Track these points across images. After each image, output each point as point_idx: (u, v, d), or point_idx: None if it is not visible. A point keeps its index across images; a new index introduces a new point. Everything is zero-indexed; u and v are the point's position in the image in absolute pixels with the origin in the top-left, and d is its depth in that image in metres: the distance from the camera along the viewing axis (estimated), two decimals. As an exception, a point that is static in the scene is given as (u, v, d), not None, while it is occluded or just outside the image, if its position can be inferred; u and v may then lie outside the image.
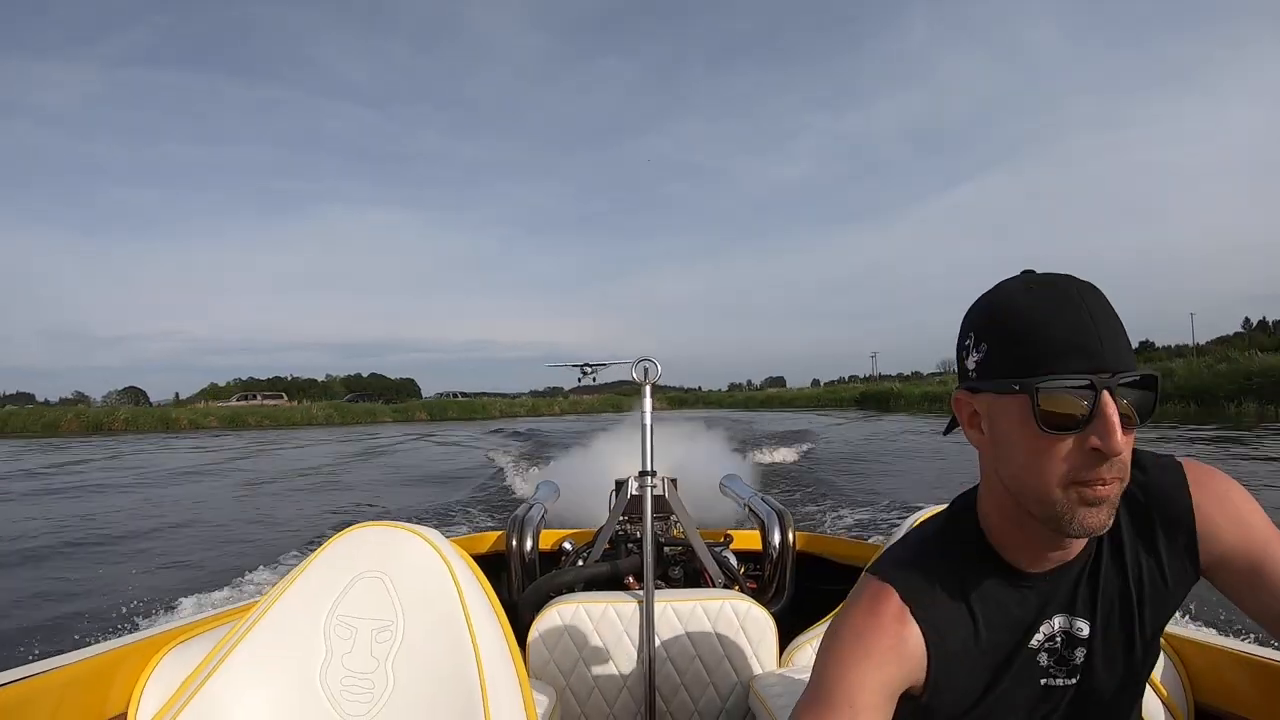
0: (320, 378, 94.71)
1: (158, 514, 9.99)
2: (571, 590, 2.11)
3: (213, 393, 79.23)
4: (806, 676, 1.79)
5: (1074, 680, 0.81)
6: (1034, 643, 0.80)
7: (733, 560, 2.46)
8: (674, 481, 2.30)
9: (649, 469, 2.07)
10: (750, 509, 2.70)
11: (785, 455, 14.18)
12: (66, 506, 10.76)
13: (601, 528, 2.38)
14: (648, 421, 2.08)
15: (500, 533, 2.54)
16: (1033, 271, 0.75)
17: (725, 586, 2.16)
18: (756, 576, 2.48)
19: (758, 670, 1.86)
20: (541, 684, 1.78)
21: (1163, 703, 1.23)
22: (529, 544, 2.44)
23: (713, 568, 2.22)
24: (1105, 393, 0.66)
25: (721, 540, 2.62)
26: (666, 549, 2.35)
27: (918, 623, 0.77)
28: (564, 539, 2.65)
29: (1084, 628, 0.80)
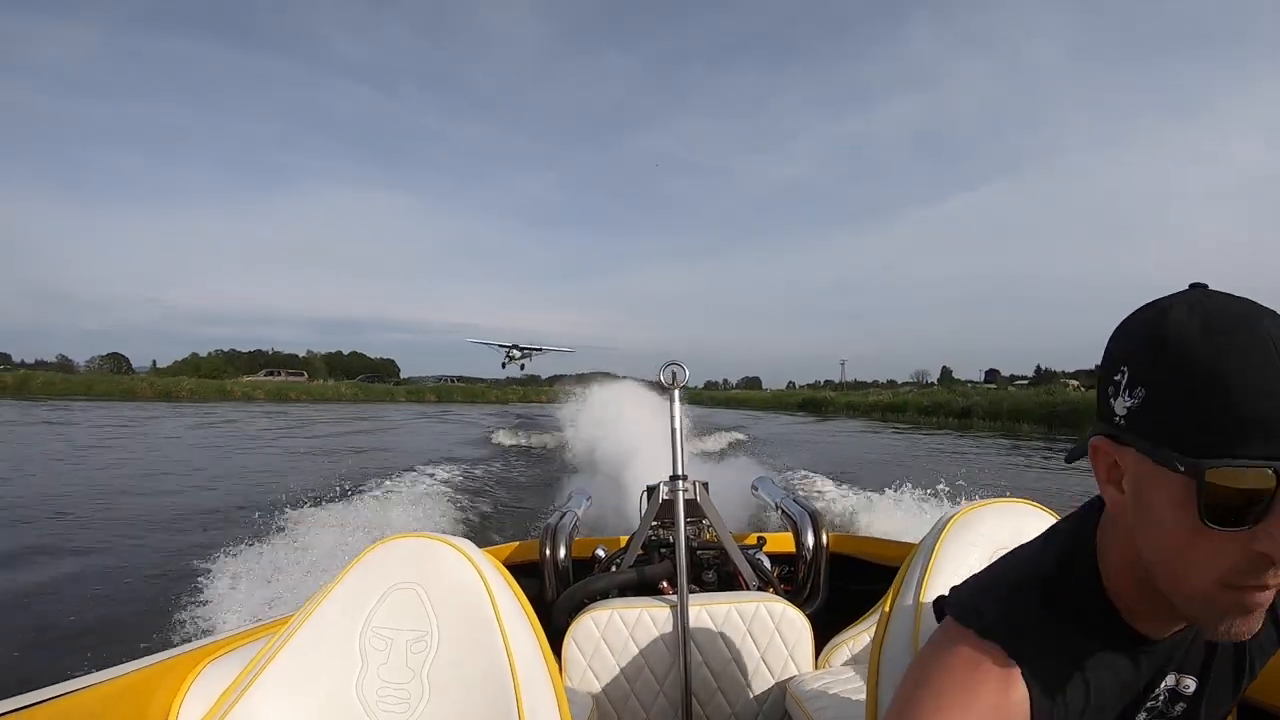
0: (301, 353, 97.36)
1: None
2: (605, 596, 2.11)
3: (194, 363, 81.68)
4: (843, 678, 1.77)
5: None
6: (1146, 704, 0.73)
7: (766, 562, 2.44)
8: (705, 485, 2.29)
9: (680, 473, 2.06)
10: (782, 510, 2.68)
11: (720, 441, 18.91)
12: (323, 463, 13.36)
13: (634, 533, 2.36)
14: (678, 425, 2.06)
15: (533, 541, 2.55)
16: (1206, 288, 0.59)
17: (759, 589, 2.14)
18: (790, 578, 2.46)
19: (794, 672, 1.85)
20: (577, 691, 1.78)
21: None
22: (562, 552, 2.44)
23: (746, 570, 2.20)
24: None
25: (754, 543, 2.60)
26: (699, 552, 2.34)
27: (1026, 685, 0.65)
28: (597, 546, 2.64)
29: (1190, 685, 0.73)
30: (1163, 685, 0.72)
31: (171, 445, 17.02)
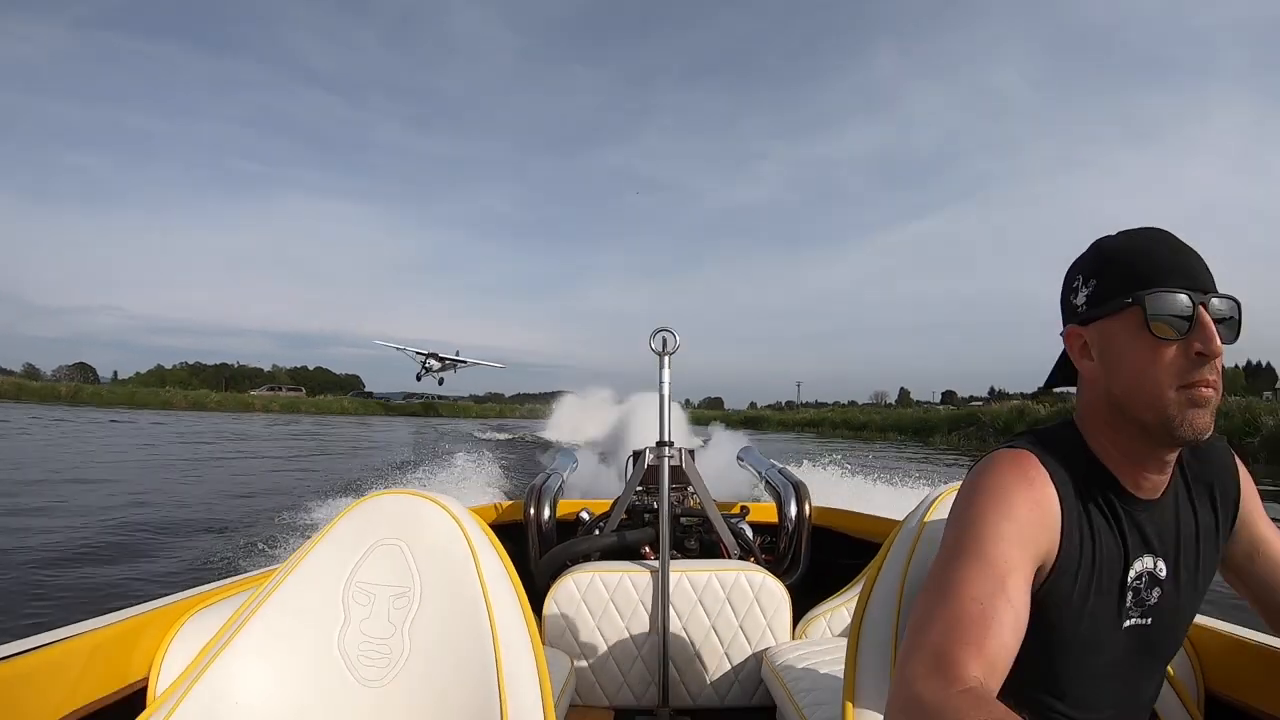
0: (266, 367, 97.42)
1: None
2: (588, 559, 2.12)
3: (160, 375, 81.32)
4: (820, 650, 1.80)
5: (1148, 621, 0.86)
6: (1129, 578, 0.84)
7: (749, 532, 2.46)
8: (692, 453, 2.30)
9: (666, 439, 2.07)
10: (767, 481, 2.69)
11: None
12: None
13: (618, 498, 2.38)
14: (666, 393, 2.07)
15: (518, 502, 2.56)
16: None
17: (741, 558, 2.16)
18: (772, 549, 2.49)
19: (771, 642, 1.87)
20: (557, 652, 1.80)
21: (1174, 688, 1.22)
22: (546, 513, 2.45)
23: (728, 539, 2.22)
24: (1202, 307, 0.77)
25: (738, 512, 2.62)
26: (683, 519, 2.36)
27: (1056, 489, 0.82)
28: (581, 509, 2.66)
29: (1162, 569, 0.86)
30: (1142, 566, 0.85)
31: (342, 456, 18.08)
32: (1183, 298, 0.77)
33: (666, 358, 2.04)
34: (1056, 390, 1.05)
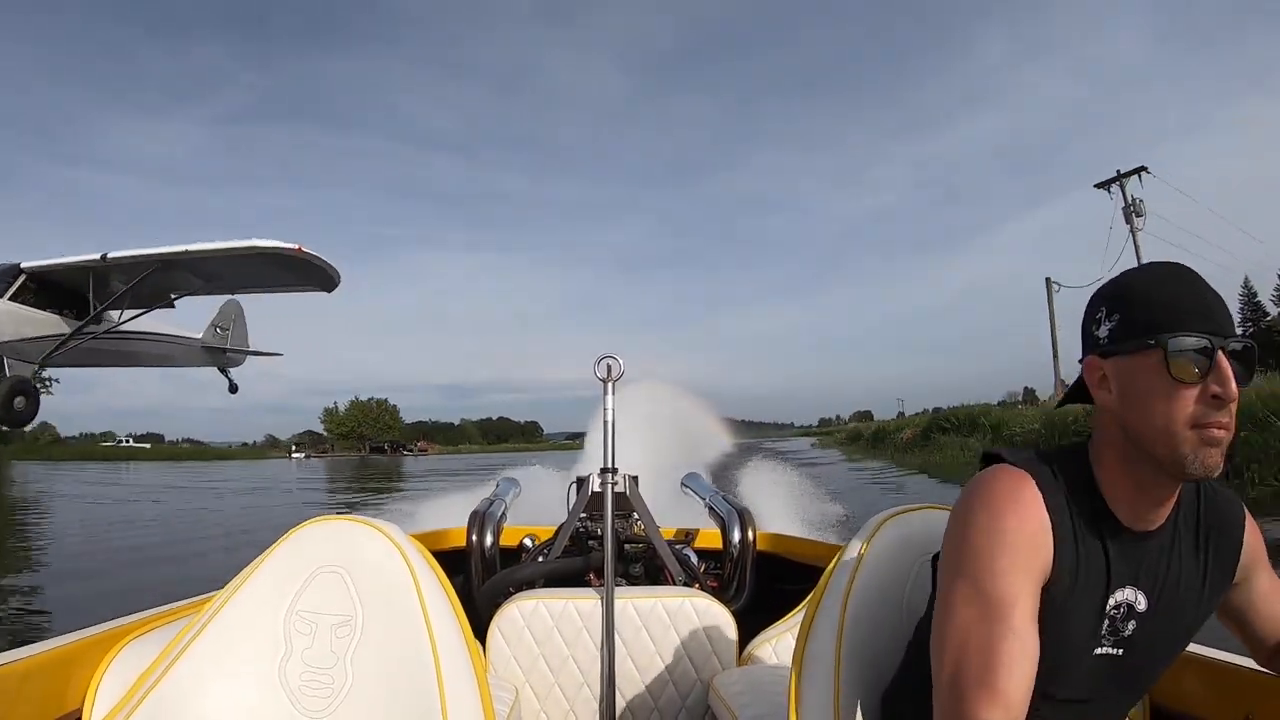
0: (456, 421, 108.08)
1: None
2: (531, 586, 2.11)
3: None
4: (766, 675, 1.82)
5: (1119, 652, 0.88)
6: (1107, 606, 0.87)
7: (694, 558, 2.47)
8: (635, 479, 2.31)
9: (610, 465, 2.09)
10: (711, 507, 2.72)
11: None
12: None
13: (562, 524, 2.38)
14: (610, 419, 2.09)
15: (460, 528, 2.54)
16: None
17: (686, 584, 2.17)
18: (717, 575, 2.51)
19: (717, 668, 1.88)
20: (501, 680, 1.78)
21: None
22: (489, 540, 2.44)
23: (673, 565, 2.24)
24: (1220, 351, 0.79)
25: (683, 538, 2.64)
26: (627, 546, 2.36)
27: (1048, 511, 0.84)
28: (525, 535, 2.64)
29: (1143, 603, 0.87)
30: (1122, 596, 0.87)
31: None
32: (1203, 341, 0.80)
33: (611, 384, 2.06)
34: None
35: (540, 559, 2.35)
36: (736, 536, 2.44)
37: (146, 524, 14.38)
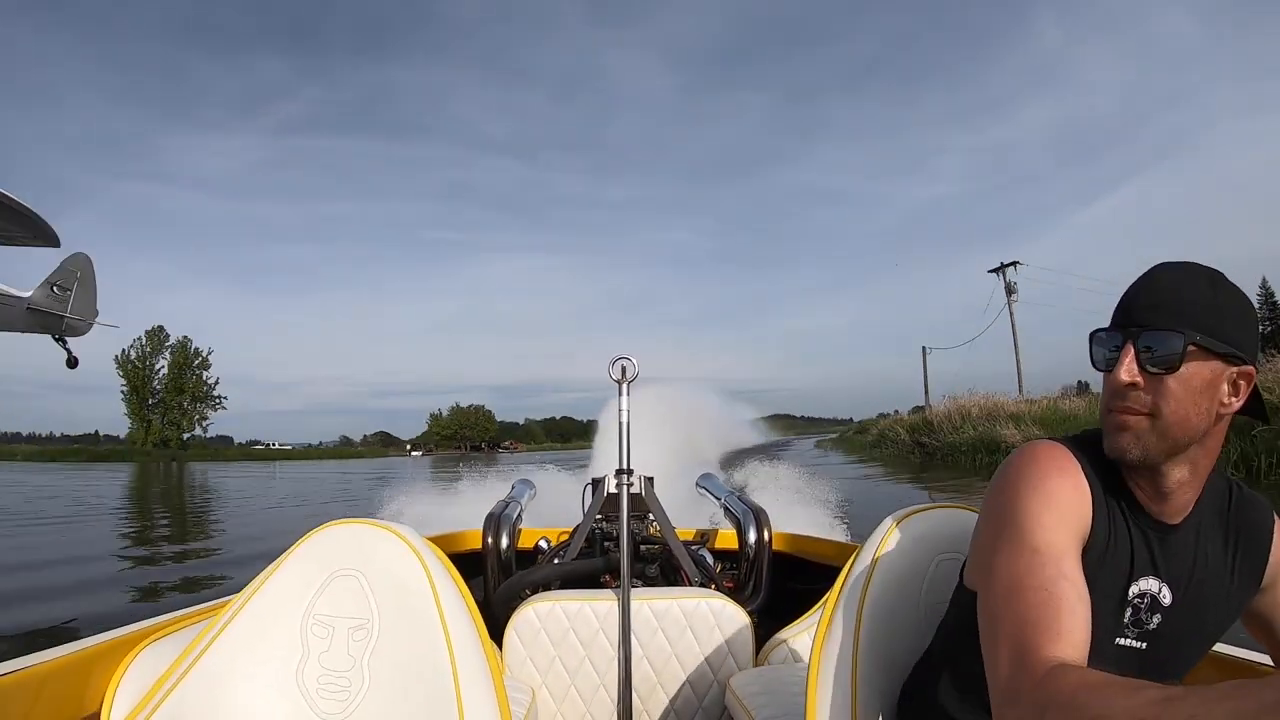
0: (520, 420, 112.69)
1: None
2: (547, 588, 2.11)
3: (436, 430, 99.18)
4: (783, 676, 1.81)
5: (1143, 645, 0.88)
6: (1130, 594, 0.87)
7: (709, 559, 2.47)
8: (650, 480, 2.31)
9: (625, 467, 2.08)
10: (726, 508, 2.71)
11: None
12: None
13: (578, 526, 2.38)
14: (625, 420, 2.08)
15: (476, 530, 2.54)
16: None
17: (702, 585, 2.17)
18: (733, 575, 2.50)
19: (734, 669, 1.88)
20: (517, 682, 1.78)
21: None
22: (505, 542, 2.44)
23: (689, 566, 2.23)
24: (1128, 341, 0.84)
25: (698, 539, 2.63)
26: (643, 547, 2.36)
27: (1088, 480, 0.87)
28: (540, 537, 2.65)
29: (1167, 596, 0.88)
30: (1145, 585, 0.88)
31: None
32: (1109, 335, 0.87)
33: (625, 385, 2.06)
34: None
35: (556, 561, 2.35)
36: (752, 537, 2.43)
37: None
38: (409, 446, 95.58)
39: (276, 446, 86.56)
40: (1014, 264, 29.32)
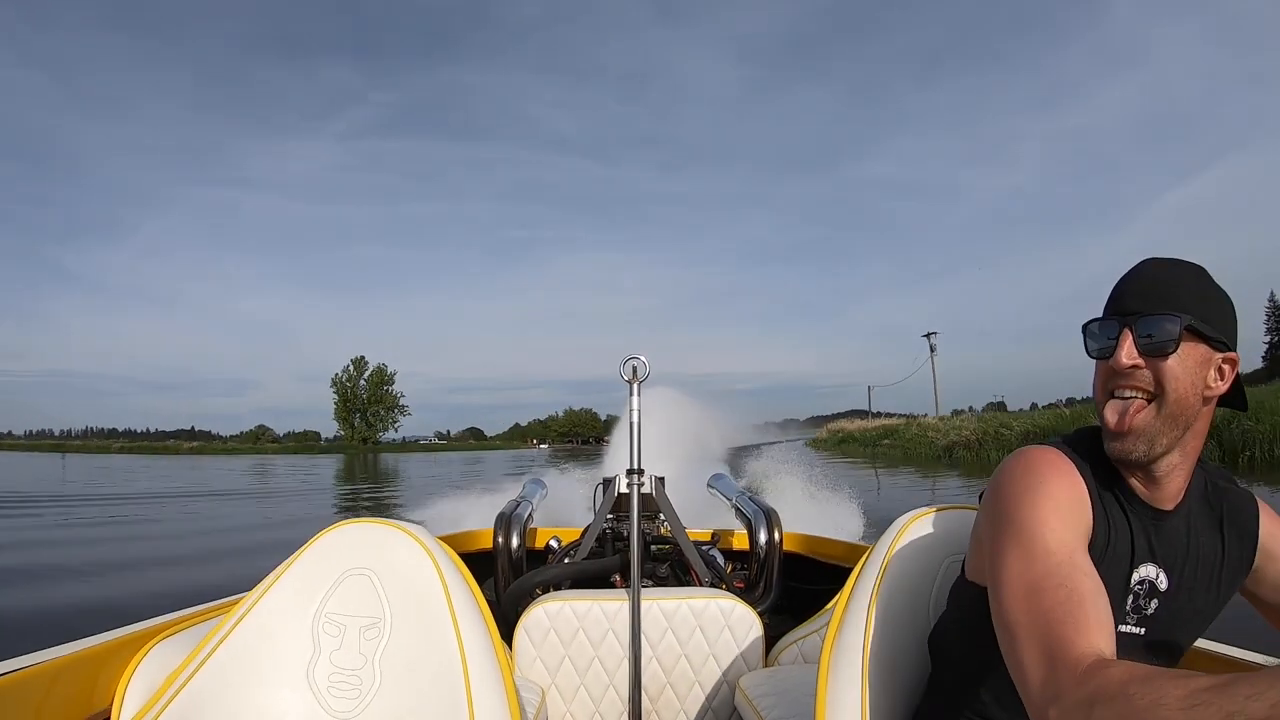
0: (603, 416, 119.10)
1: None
2: (557, 588, 2.11)
3: (518, 432, 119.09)
4: (793, 677, 1.81)
5: (1142, 630, 0.90)
6: (1131, 581, 0.89)
7: (720, 559, 2.47)
8: (661, 480, 2.31)
9: (636, 467, 2.08)
10: (737, 508, 2.70)
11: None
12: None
13: (589, 526, 2.38)
14: (636, 419, 2.08)
15: (487, 530, 2.54)
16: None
17: (712, 585, 2.16)
18: (744, 576, 2.49)
19: (744, 669, 1.87)
20: (527, 681, 1.78)
21: None
22: (515, 541, 2.44)
23: (700, 566, 2.23)
24: (1126, 328, 0.86)
25: (709, 539, 2.62)
26: (654, 547, 2.36)
27: (1084, 481, 0.88)
28: (551, 537, 2.65)
29: (1164, 581, 0.90)
30: (1145, 572, 0.89)
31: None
32: (1104, 323, 0.90)
33: (637, 385, 2.05)
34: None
35: (566, 560, 2.35)
36: (763, 537, 2.42)
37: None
38: (535, 441, 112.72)
39: (425, 441, 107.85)
40: (933, 333, 46.42)
